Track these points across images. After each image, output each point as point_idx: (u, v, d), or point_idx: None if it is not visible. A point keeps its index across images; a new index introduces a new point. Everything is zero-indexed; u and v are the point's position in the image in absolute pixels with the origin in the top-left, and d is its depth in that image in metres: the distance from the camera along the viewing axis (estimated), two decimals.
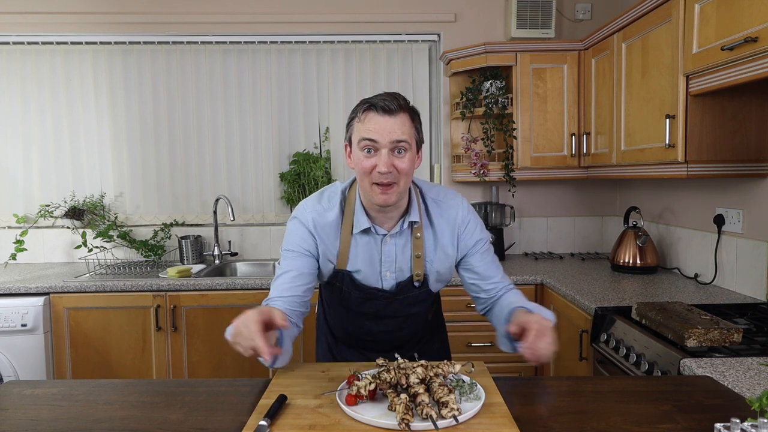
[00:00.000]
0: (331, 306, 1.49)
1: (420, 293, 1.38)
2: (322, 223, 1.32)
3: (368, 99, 1.23)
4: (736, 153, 1.86)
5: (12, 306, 2.38)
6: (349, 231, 1.32)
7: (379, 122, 1.19)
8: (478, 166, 2.75)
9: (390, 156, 1.20)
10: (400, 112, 1.21)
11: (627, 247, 2.50)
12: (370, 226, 1.30)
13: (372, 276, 1.35)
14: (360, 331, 1.46)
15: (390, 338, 1.46)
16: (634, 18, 2.13)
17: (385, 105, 1.20)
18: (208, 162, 3.08)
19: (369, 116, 1.21)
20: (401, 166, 1.21)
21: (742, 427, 0.81)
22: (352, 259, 1.34)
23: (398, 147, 1.20)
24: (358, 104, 1.26)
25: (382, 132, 1.19)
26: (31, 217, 3.02)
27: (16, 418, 1.01)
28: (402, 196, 1.27)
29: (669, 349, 1.42)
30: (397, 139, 1.19)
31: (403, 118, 1.21)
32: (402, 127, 1.20)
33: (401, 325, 1.44)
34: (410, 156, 1.23)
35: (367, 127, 1.20)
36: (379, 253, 1.33)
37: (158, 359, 2.47)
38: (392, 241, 1.33)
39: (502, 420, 0.93)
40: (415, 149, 1.26)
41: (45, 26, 2.96)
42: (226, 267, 2.96)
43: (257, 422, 0.92)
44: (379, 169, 1.19)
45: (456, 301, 2.42)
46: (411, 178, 1.28)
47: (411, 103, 1.27)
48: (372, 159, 1.21)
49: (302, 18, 3.01)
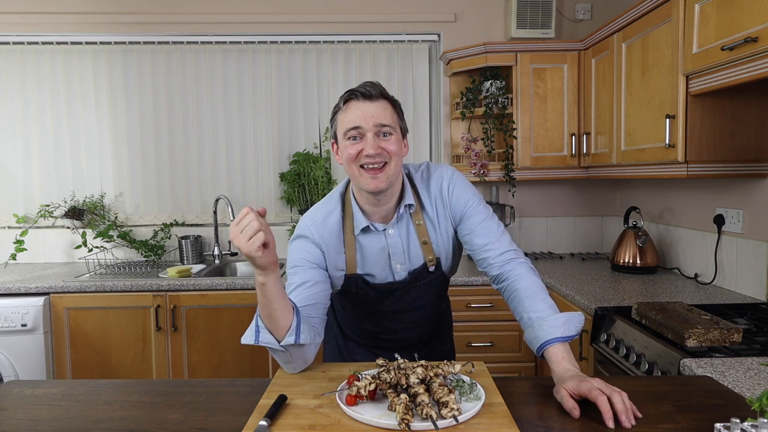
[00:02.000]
0: (346, 308, 1.48)
1: (435, 277, 1.37)
2: (324, 231, 1.30)
3: (348, 90, 1.24)
4: (736, 153, 1.86)
5: (12, 306, 2.39)
6: (351, 234, 1.31)
7: (360, 108, 1.20)
8: (478, 166, 2.75)
9: (376, 139, 1.20)
10: (381, 98, 1.22)
11: (627, 247, 2.50)
12: (368, 224, 1.30)
13: (383, 273, 1.34)
14: (377, 330, 1.45)
15: (407, 336, 1.45)
16: (634, 18, 2.13)
17: (366, 91, 1.21)
18: (208, 162, 3.08)
19: (351, 104, 1.22)
20: (388, 147, 1.21)
21: (742, 427, 0.81)
22: (360, 261, 1.33)
23: (383, 131, 1.21)
24: (339, 98, 1.26)
25: (365, 117, 1.20)
26: (31, 217, 3.02)
27: (16, 418, 1.01)
28: (393, 180, 1.24)
29: (669, 349, 1.42)
30: (380, 122, 1.20)
31: (384, 103, 1.23)
32: (384, 111, 1.21)
33: (418, 320, 1.43)
34: (396, 138, 1.23)
35: (350, 117, 1.21)
36: (387, 248, 1.32)
37: (158, 359, 2.47)
38: (395, 232, 1.32)
39: (502, 420, 0.93)
40: (400, 135, 1.26)
41: (45, 26, 2.96)
42: (226, 267, 2.96)
43: (257, 422, 0.92)
44: (366, 151, 1.19)
45: (456, 301, 2.40)
46: (400, 160, 1.26)
47: (391, 96, 1.27)
48: (358, 145, 1.21)
49: (302, 18, 3.01)
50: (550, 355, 1.11)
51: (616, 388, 0.97)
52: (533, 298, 1.20)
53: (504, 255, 1.29)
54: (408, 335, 1.46)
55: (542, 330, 1.14)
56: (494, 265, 1.29)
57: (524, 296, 1.21)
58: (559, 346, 1.11)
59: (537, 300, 1.20)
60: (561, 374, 1.06)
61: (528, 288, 1.22)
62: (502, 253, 1.29)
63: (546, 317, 1.16)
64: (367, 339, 1.49)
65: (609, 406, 0.93)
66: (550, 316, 1.16)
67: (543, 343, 1.12)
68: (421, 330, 1.47)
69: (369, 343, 1.50)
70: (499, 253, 1.29)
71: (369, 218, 1.31)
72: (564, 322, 1.14)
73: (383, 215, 1.31)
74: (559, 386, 1.02)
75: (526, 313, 1.19)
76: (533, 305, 1.19)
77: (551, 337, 1.12)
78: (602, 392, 0.95)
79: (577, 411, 0.96)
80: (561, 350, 1.11)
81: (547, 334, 1.13)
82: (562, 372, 1.06)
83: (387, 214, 1.31)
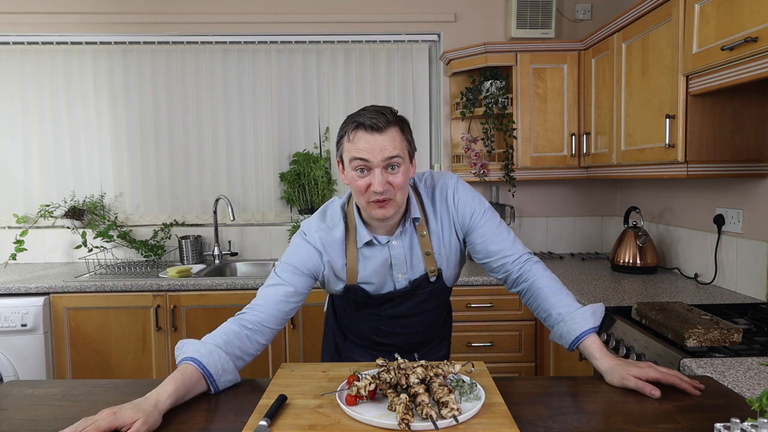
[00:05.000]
0: (347, 310, 1.48)
1: (435, 288, 1.38)
2: (329, 241, 1.31)
3: (355, 116, 1.21)
4: (736, 153, 1.86)
5: (12, 306, 2.38)
6: (354, 246, 1.32)
7: (368, 141, 1.18)
8: (478, 166, 2.75)
9: (384, 174, 1.19)
10: (389, 127, 1.19)
11: (627, 247, 2.50)
12: (371, 238, 1.30)
13: (384, 283, 1.35)
14: (375, 333, 1.46)
15: (403, 341, 1.45)
16: (634, 18, 2.13)
17: (373, 123, 1.18)
18: (208, 162, 3.08)
19: (358, 135, 1.19)
20: (396, 181, 1.20)
21: (742, 427, 0.81)
22: (362, 272, 1.34)
23: (391, 164, 1.19)
24: (345, 121, 1.24)
25: (372, 151, 1.18)
26: (31, 217, 3.02)
27: (16, 418, 1.01)
28: (400, 206, 1.27)
29: (669, 349, 1.42)
30: (389, 156, 1.18)
31: (393, 133, 1.20)
32: (393, 142, 1.19)
33: (415, 326, 1.44)
34: (404, 169, 1.22)
35: (357, 147, 1.19)
36: (390, 258, 1.33)
37: (158, 359, 2.47)
38: (398, 244, 1.33)
39: (502, 420, 0.93)
40: (408, 161, 1.25)
41: (45, 26, 2.96)
42: (226, 267, 2.96)
43: (257, 422, 0.92)
44: (374, 188, 1.19)
45: (456, 301, 2.41)
46: (407, 190, 1.27)
47: (399, 113, 1.25)
48: (366, 178, 1.20)
49: (302, 18, 3.01)
50: (587, 346, 1.19)
51: (665, 369, 1.10)
52: (559, 295, 1.28)
53: (520, 258, 1.34)
54: (404, 340, 1.46)
55: (575, 323, 1.21)
56: (513, 270, 1.33)
57: (550, 293, 1.28)
58: (593, 337, 1.20)
59: (562, 296, 1.28)
60: (612, 365, 1.14)
61: (551, 285, 1.29)
62: (519, 257, 1.34)
63: (575, 311, 1.24)
64: (364, 340, 1.50)
65: (684, 384, 1.07)
66: (578, 309, 1.24)
67: (579, 335, 1.20)
68: (419, 336, 1.48)
69: (366, 345, 1.51)
70: (515, 258, 1.34)
71: (373, 231, 1.32)
72: (592, 314, 1.23)
73: (388, 229, 1.32)
74: (622, 374, 1.10)
75: (555, 309, 1.26)
76: (561, 301, 1.26)
77: (586, 328, 1.20)
78: (667, 373, 1.08)
79: (657, 392, 1.04)
80: (597, 341, 1.19)
81: (581, 327, 1.21)
82: (611, 362, 1.14)
83: (392, 228, 1.32)
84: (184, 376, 1.05)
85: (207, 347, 1.11)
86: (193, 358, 1.08)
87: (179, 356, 1.11)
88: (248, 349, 1.19)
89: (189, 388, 1.05)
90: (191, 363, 1.08)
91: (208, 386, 1.10)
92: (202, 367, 1.08)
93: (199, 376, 1.07)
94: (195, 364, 1.07)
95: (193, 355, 1.09)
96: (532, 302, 1.32)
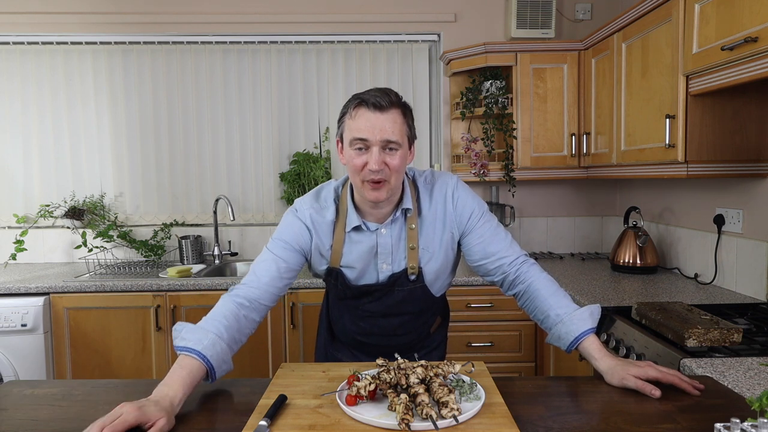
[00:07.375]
0: (334, 303, 1.50)
1: (415, 288, 1.36)
2: (319, 221, 1.33)
3: (359, 94, 1.22)
4: (736, 153, 1.86)
5: (12, 306, 2.38)
6: (342, 229, 1.33)
7: (370, 119, 1.19)
8: (478, 166, 2.75)
9: (381, 153, 1.20)
10: (392, 108, 1.20)
11: (627, 247, 2.50)
12: (360, 224, 1.31)
13: (367, 271, 1.35)
14: (357, 331, 1.46)
15: (385, 343, 1.45)
16: (634, 18, 2.13)
17: (377, 101, 1.19)
18: (208, 162, 3.08)
19: (360, 112, 1.20)
20: (393, 163, 1.21)
21: (742, 427, 0.81)
22: (346, 256, 1.34)
23: (389, 146, 1.20)
24: (349, 99, 1.25)
25: (373, 130, 1.18)
26: (31, 217, 3.02)
27: (16, 418, 1.01)
28: (394, 191, 1.27)
29: (669, 349, 1.42)
30: (387, 138, 1.19)
31: (395, 114, 1.21)
32: (393, 125, 1.20)
33: (395, 329, 1.43)
34: (402, 153, 1.23)
35: (358, 125, 1.20)
36: (376, 246, 1.33)
37: (158, 359, 2.47)
38: (387, 232, 1.33)
39: (502, 420, 0.93)
40: (407, 146, 1.25)
41: (45, 26, 2.96)
42: (226, 267, 2.96)
43: (257, 422, 0.92)
44: (370, 167, 1.19)
45: (456, 301, 2.42)
46: (402, 174, 1.27)
47: (403, 99, 1.26)
48: (363, 156, 1.21)
49: (302, 18, 3.01)
50: (586, 347, 1.19)
51: (664, 368, 1.10)
52: (556, 296, 1.28)
53: (517, 260, 1.34)
54: (386, 342, 1.45)
55: (574, 324, 1.21)
56: (510, 272, 1.33)
57: (547, 295, 1.28)
58: (592, 337, 1.20)
59: (560, 297, 1.28)
60: (611, 365, 1.13)
61: (548, 287, 1.30)
62: (516, 259, 1.34)
63: (572, 312, 1.24)
64: (347, 337, 1.50)
65: (684, 383, 1.07)
66: (576, 310, 1.25)
67: (578, 336, 1.20)
68: (400, 340, 1.45)
69: (350, 343, 1.51)
70: (513, 260, 1.34)
71: (364, 217, 1.32)
72: (590, 315, 1.23)
73: (379, 216, 1.32)
74: (622, 374, 1.10)
75: (553, 311, 1.26)
76: (558, 302, 1.27)
77: (585, 329, 1.20)
78: (667, 372, 1.09)
79: (658, 392, 1.04)
80: (596, 342, 1.19)
81: (580, 327, 1.21)
82: (611, 362, 1.14)
83: (383, 216, 1.32)
84: (192, 375, 1.06)
85: (209, 338, 1.12)
86: (197, 351, 1.09)
87: (179, 340, 1.12)
88: (245, 329, 1.22)
89: (194, 387, 1.07)
90: (195, 357, 1.08)
91: (207, 377, 1.11)
92: (207, 361, 1.09)
93: (202, 371, 1.09)
94: (199, 358, 1.08)
95: (196, 347, 1.09)
96: (529, 304, 1.32)
